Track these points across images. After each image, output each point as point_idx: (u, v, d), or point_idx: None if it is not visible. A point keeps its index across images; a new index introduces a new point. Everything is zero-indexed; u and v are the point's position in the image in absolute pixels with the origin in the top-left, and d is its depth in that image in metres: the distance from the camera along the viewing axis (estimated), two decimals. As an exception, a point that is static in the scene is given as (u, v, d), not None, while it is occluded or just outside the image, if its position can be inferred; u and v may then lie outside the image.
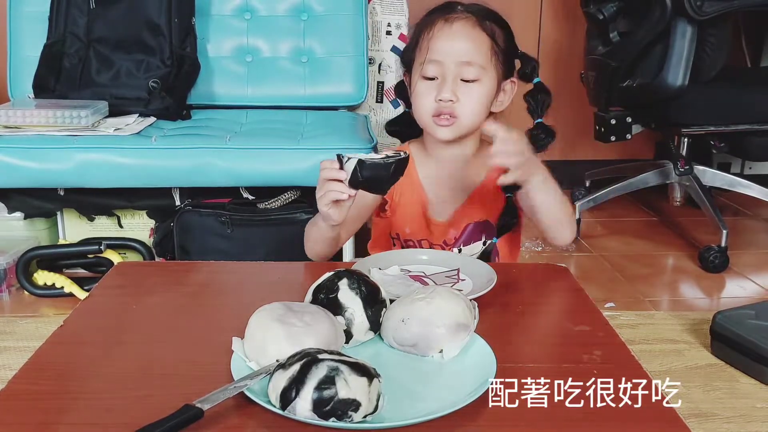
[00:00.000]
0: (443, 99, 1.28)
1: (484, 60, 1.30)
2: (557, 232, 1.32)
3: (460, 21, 1.30)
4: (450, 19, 1.31)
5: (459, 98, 1.29)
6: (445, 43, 1.29)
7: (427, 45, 1.30)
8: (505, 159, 1.19)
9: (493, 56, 1.31)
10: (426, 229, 1.40)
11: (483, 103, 1.32)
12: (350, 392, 0.77)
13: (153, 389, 0.88)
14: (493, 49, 1.31)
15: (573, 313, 1.09)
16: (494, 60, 1.31)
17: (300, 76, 2.50)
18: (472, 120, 1.31)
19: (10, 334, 2.00)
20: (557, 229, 1.32)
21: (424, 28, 1.33)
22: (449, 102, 1.28)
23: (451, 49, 1.29)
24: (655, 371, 1.81)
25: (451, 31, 1.30)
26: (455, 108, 1.29)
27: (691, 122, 2.59)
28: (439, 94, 1.29)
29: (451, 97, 1.28)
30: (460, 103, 1.29)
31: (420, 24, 1.36)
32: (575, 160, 3.34)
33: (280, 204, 2.16)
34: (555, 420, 0.83)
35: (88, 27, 2.36)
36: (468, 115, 1.30)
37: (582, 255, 2.65)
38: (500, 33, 1.33)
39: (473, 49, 1.29)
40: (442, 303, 0.95)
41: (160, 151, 2.09)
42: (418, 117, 1.34)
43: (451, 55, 1.29)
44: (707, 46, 2.44)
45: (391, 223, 1.42)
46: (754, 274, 2.46)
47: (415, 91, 1.33)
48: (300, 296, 1.02)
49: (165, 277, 1.26)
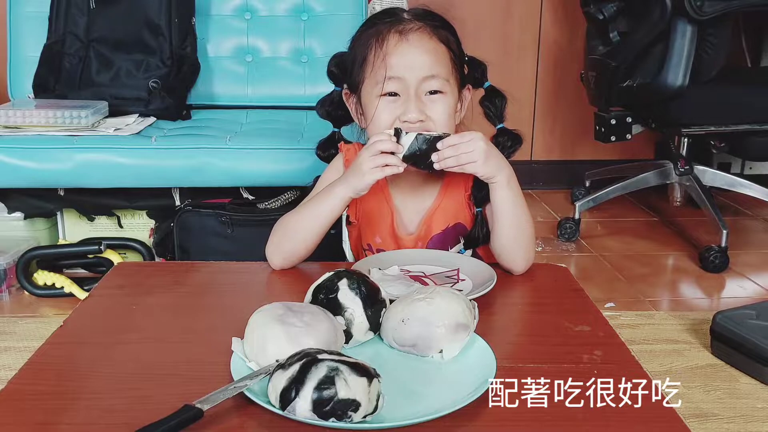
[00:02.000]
0: (410, 120, 1.21)
1: (446, 72, 1.24)
2: (511, 249, 1.21)
3: (415, 33, 1.23)
4: (404, 31, 1.23)
5: (427, 116, 1.22)
6: (404, 58, 1.22)
7: (383, 62, 1.22)
8: (454, 162, 1.14)
9: (452, 66, 1.26)
10: (394, 241, 1.34)
11: (450, 114, 1.26)
12: (350, 392, 0.77)
13: (153, 389, 0.88)
14: (452, 58, 1.26)
15: (573, 313, 1.09)
16: (453, 70, 1.27)
17: (300, 76, 2.50)
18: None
19: (10, 334, 2.00)
20: (512, 245, 1.21)
21: (372, 41, 1.25)
22: (418, 123, 1.22)
23: (412, 64, 1.22)
24: (655, 371, 1.81)
25: (408, 45, 1.23)
26: (424, 127, 1.22)
27: (691, 122, 2.60)
28: (405, 115, 1.22)
29: (419, 117, 1.21)
30: (429, 120, 1.23)
31: (364, 37, 1.27)
32: (575, 160, 3.34)
33: (280, 204, 2.16)
34: (555, 420, 0.83)
35: (88, 27, 2.36)
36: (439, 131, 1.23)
37: (582, 255, 2.65)
38: (453, 40, 1.28)
39: (434, 61, 1.23)
40: (442, 303, 0.95)
41: (160, 151, 2.09)
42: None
43: (414, 70, 1.22)
44: (707, 46, 2.44)
45: (360, 233, 1.37)
46: (754, 274, 2.46)
47: (377, 110, 1.24)
48: (300, 296, 1.02)
49: (165, 277, 1.26)
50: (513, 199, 1.20)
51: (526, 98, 3.27)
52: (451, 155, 1.14)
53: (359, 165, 1.17)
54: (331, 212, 1.22)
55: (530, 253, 1.23)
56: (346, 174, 1.22)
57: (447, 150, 1.14)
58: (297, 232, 1.23)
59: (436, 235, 1.33)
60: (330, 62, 1.36)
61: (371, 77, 1.25)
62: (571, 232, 2.75)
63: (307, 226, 1.23)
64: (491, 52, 1.40)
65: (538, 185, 3.33)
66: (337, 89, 1.36)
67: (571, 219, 2.76)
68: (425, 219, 1.33)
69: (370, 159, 1.16)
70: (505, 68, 3.14)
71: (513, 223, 1.21)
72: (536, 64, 3.27)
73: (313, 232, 1.23)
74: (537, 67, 3.27)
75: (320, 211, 1.23)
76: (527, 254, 1.22)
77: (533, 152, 3.36)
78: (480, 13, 3.14)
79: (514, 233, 1.21)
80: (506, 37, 3.21)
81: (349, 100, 1.35)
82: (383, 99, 1.24)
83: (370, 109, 1.27)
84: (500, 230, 1.22)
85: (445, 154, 1.14)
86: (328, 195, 1.22)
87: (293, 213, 1.27)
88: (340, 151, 1.36)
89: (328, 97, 1.38)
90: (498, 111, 1.33)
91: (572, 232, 2.75)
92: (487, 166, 1.16)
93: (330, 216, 1.23)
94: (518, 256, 1.22)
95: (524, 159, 3.32)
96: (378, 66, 1.24)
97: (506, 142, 1.30)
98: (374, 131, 1.25)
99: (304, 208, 1.26)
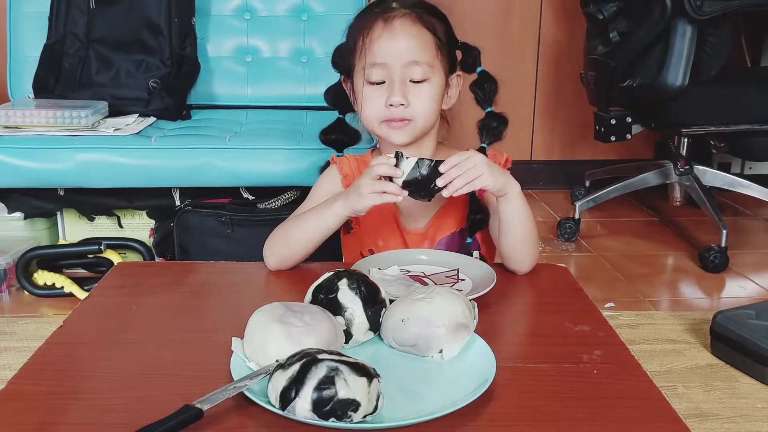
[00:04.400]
0: (393, 104, 1.24)
1: (430, 57, 1.25)
2: (520, 253, 1.22)
3: (399, 19, 1.25)
4: (389, 18, 1.25)
5: (410, 101, 1.24)
6: (388, 44, 1.24)
7: (368, 48, 1.25)
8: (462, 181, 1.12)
9: (438, 52, 1.27)
10: (401, 240, 1.35)
11: (435, 101, 1.27)
12: (350, 392, 0.77)
13: (153, 389, 0.88)
14: (437, 44, 1.27)
15: (573, 313, 1.09)
16: (439, 56, 1.27)
17: (300, 76, 2.50)
18: (425, 121, 1.27)
19: (10, 334, 2.00)
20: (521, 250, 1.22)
21: (360, 30, 1.27)
22: (400, 107, 1.24)
23: (395, 49, 1.24)
24: (655, 371, 1.81)
25: (392, 32, 1.24)
26: (407, 112, 1.25)
27: (691, 122, 2.60)
28: (389, 99, 1.24)
29: (401, 101, 1.23)
30: (412, 106, 1.24)
31: (355, 26, 1.30)
32: (575, 160, 3.34)
33: (280, 204, 2.16)
34: (555, 420, 0.83)
35: (88, 27, 2.36)
36: (421, 117, 1.26)
37: (582, 255, 2.65)
38: (441, 26, 1.29)
39: (418, 47, 1.24)
40: (442, 303, 0.95)
41: (160, 151, 2.09)
42: (368, 124, 1.29)
43: (397, 56, 1.23)
44: (707, 46, 2.44)
45: (361, 240, 1.38)
46: (754, 274, 2.46)
47: (363, 97, 1.27)
48: (300, 296, 1.02)
49: (165, 277, 1.26)
50: (523, 209, 1.21)
51: (526, 98, 3.27)
52: (458, 174, 1.12)
53: (358, 187, 1.17)
54: (328, 227, 1.24)
55: (536, 254, 1.25)
56: (347, 192, 1.22)
57: (453, 170, 1.12)
58: (296, 239, 1.25)
59: (445, 237, 1.34)
60: (334, 51, 1.40)
61: (359, 64, 1.28)
62: (571, 232, 2.75)
63: (306, 236, 1.24)
64: (491, 52, 1.40)
65: (538, 185, 3.33)
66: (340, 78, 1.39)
67: (571, 219, 2.76)
68: (435, 217, 1.35)
69: (369, 183, 1.15)
70: (505, 68, 3.13)
71: (523, 229, 1.22)
72: (536, 64, 3.27)
73: (311, 241, 1.25)
74: (537, 67, 3.27)
75: (318, 223, 1.24)
76: (533, 256, 1.24)
77: (533, 152, 3.36)
78: (480, 13, 3.14)
79: (522, 241, 1.22)
80: (506, 37, 3.21)
81: (347, 88, 1.36)
82: (370, 87, 1.26)
83: (359, 96, 1.29)
84: (510, 239, 1.22)
85: (452, 174, 1.12)
86: (328, 209, 1.23)
87: (294, 221, 1.28)
88: (332, 162, 1.38)
89: (334, 86, 1.42)
90: (487, 96, 1.34)
91: (572, 232, 2.75)
92: (494, 176, 1.16)
93: (327, 230, 1.24)
94: (525, 259, 1.23)
95: (524, 159, 3.32)
96: (363, 52, 1.26)
97: (492, 123, 1.32)
98: (364, 120, 1.29)
99: (305, 218, 1.26)
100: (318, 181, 1.39)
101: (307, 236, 1.24)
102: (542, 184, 3.34)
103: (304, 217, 1.27)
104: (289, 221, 1.29)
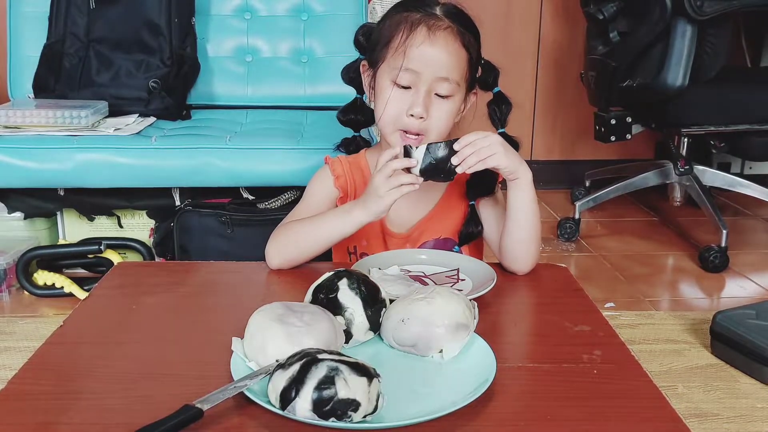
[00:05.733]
0: (414, 114, 1.23)
1: (460, 76, 1.25)
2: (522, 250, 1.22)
3: (443, 31, 1.24)
4: (433, 27, 1.23)
5: (430, 114, 1.24)
6: (427, 54, 1.23)
7: (405, 50, 1.23)
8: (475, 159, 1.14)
9: (467, 71, 1.27)
10: (382, 242, 1.35)
11: (452, 117, 1.27)
12: (350, 392, 0.77)
13: (153, 389, 0.88)
14: (469, 63, 1.27)
15: (573, 313, 1.09)
16: (467, 75, 1.27)
17: (300, 76, 2.50)
18: (438, 136, 1.26)
19: (10, 334, 2.00)
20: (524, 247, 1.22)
21: (401, 27, 1.25)
22: (420, 119, 1.23)
23: (431, 61, 1.23)
24: (655, 371, 1.81)
25: (434, 42, 1.23)
26: (424, 125, 1.24)
27: (691, 122, 2.60)
28: (411, 109, 1.23)
29: (422, 114, 1.23)
30: (430, 119, 1.24)
31: (396, 19, 1.27)
32: (575, 160, 3.34)
33: (280, 204, 2.16)
34: (555, 420, 0.83)
35: (88, 27, 2.35)
36: (435, 131, 1.25)
37: (582, 255, 2.65)
38: (475, 45, 1.29)
39: (453, 65, 1.24)
40: (442, 303, 0.95)
41: (160, 151, 2.08)
42: (382, 123, 1.28)
43: (431, 68, 1.23)
44: (707, 46, 2.44)
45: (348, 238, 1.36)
46: (754, 274, 2.46)
47: (382, 96, 1.26)
48: (300, 296, 1.02)
49: (165, 277, 1.26)
50: (532, 200, 1.22)
51: (526, 98, 3.27)
52: (471, 152, 1.14)
53: (375, 189, 1.17)
54: (344, 233, 1.24)
55: (537, 255, 1.24)
56: (363, 198, 1.21)
57: (466, 148, 1.14)
58: (307, 242, 1.25)
59: (428, 242, 1.34)
60: (358, 31, 1.39)
61: (390, 61, 1.26)
62: (571, 232, 2.75)
63: (320, 241, 1.25)
64: (491, 52, 1.40)
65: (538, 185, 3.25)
66: (362, 57, 1.38)
67: (571, 219, 2.76)
68: (420, 223, 1.34)
69: (385, 182, 1.15)
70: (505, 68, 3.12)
71: (528, 224, 1.22)
72: (536, 64, 3.27)
73: (323, 246, 1.25)
74: (537, 67, 3.27)
75: (333, 229, 1.23)
76: (534, 256, 1.24)
77: (533, 152, 3.36)
78: (480, 13, 3.13)
79: (526, 233, 1.22)
80: (506, 37, 3.21)
81: (365, 73, 1.36)
82: (395, 89, 1.25)
83: (380, 93, 1.28)
84: (514, 230, 1.23)
85: (466, 152, 1.13)
86: (347, 215, 1.22)
87: (305, 223, 1.27)
88: (326, 163, 1.38)
89: (353, 64, 1.41)
90: (502, 116, 1.35)
91: (572, 232, 2.75)
92: (509, 158, 1.17)
93: (343, 236, 1.24)
94: (526, 256, 1.23)
95: (524, 159, 3.31)
96: (399, 53, 1.24)
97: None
98: (379, 119, 1.28)
99: (319, 222, 1.26)
100: (311, 181, 1.39)
101: (321, 241, 1.24)
102: (542, 184, 3.33)
103: (318, 221, 1.26)
104: (297, 223, 1.28)
